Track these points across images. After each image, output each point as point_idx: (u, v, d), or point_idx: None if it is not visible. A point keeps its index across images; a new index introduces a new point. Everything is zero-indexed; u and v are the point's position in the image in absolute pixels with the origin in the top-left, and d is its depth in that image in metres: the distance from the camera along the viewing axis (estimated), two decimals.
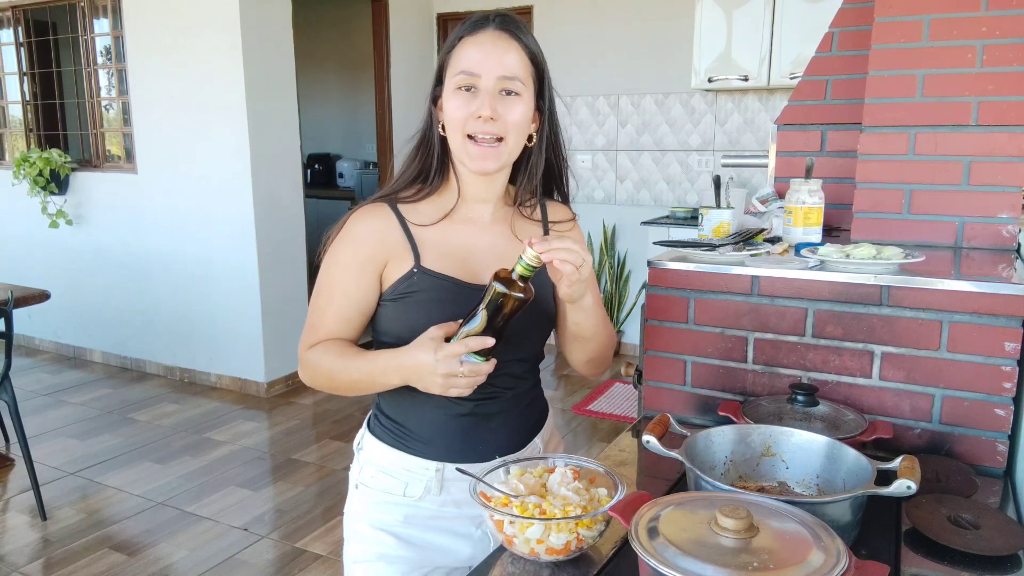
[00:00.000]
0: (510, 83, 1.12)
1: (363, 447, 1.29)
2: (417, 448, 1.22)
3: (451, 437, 1.21)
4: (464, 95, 1.11)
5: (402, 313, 1.17)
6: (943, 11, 1.58)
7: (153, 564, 2.71)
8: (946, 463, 1.25)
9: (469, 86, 1.11)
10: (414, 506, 1.22)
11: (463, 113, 1.11)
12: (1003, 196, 1.57)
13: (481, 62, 1.10)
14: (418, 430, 1.22)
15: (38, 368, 5.02)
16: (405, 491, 1.22)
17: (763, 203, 1.88)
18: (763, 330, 1.43)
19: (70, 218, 4.95)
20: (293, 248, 4.50)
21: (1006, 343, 1.24)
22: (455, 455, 1.21)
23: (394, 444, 1.24)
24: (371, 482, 1.25)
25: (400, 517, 1.23)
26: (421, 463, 1.22)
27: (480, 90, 1.11)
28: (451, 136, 1.15)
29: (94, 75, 4.88)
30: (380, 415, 1.27)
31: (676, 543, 0.79)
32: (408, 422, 1.23)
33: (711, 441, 1.14)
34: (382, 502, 1.24)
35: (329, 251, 1.22)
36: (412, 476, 1.22)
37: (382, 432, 1.26)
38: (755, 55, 4.27)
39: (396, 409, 1.24)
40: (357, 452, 1.31)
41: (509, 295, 1.03)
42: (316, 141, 7.48)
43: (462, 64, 1.11)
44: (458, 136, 1.13)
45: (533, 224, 1.27)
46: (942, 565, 0.98)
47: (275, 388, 4.47)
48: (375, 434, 1.27)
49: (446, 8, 5.45)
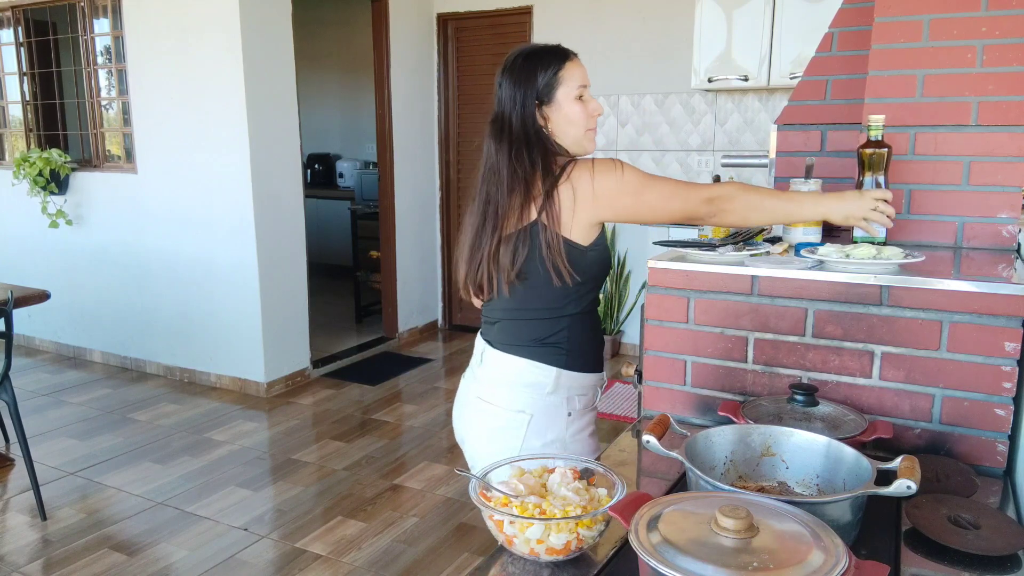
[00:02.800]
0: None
1: (559, 386, 1.58)
2: (595, 365, 1.64)
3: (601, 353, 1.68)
4: (579, 101, 1.55)
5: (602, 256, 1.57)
6: (943, 11, 1.58)
7: (153, 564, 2.71)
8: (946, 463, 1.25)
9: (582, 95, 1.55)
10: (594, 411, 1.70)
11: (584, 115, 1.55)
12: (1003, 196, 1.57)
13: (586, 78, 1.57)
14: (596, 349, 1.65)
15: (38, 368, 5.02)
16: (591, 403, 1.66)
17: None
18: (763, 330, 1.43)
19: (70, 218, 4.95)
20: (293, 248, 4.50)
21: (1006, 343, 1.24)
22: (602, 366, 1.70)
23: (588, 368, 1.62)
24: (578, 405, 1.61)
25: (592, 422, 1.67)
26: (599, 376, 1.67)
27: (586, 96, 1.56)
28: (576, 129, 1.55)
29: (94, 75, 4.88)
30: (575, 350, 1.58)
31: (676, 543, 0.79)
32: (593, 346, 1.63)
33: (711, 441, 1.14)
34: (587, 417, 1.65)
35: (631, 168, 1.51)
36: (595, 388, 1.66)
37: (579, 362, 1.59)
38: (755, 55, 4.27)
39: (586, 339, 1.60)
40: (549, 395, 1.57)
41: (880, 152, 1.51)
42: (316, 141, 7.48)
43: (577, 79, 1.54)
44: (582, 128, 1.56)
45: None
46: (942, 565, 0.98)
47: (275, 388, 4.47)
48: (573, 367, 1.58)
49: (446, 8, 5.45)
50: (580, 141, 1.56)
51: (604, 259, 1.58)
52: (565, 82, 1.53)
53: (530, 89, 1.52)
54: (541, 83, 1.52)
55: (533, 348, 1.57)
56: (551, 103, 1.53)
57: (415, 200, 5.55)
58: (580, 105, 1.54)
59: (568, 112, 1.54)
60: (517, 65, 1.53)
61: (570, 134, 1.55)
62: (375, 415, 4.16)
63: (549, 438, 1.58)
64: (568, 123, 1.54)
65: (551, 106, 1.53)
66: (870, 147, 1.54)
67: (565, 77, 1.52)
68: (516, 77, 1.53)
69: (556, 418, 1.59)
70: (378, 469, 3.47)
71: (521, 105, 1.52)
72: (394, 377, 4.80)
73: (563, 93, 1.53)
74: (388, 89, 5.20)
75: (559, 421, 1.59)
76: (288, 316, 4.49)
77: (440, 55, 5.55)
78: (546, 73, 1.52)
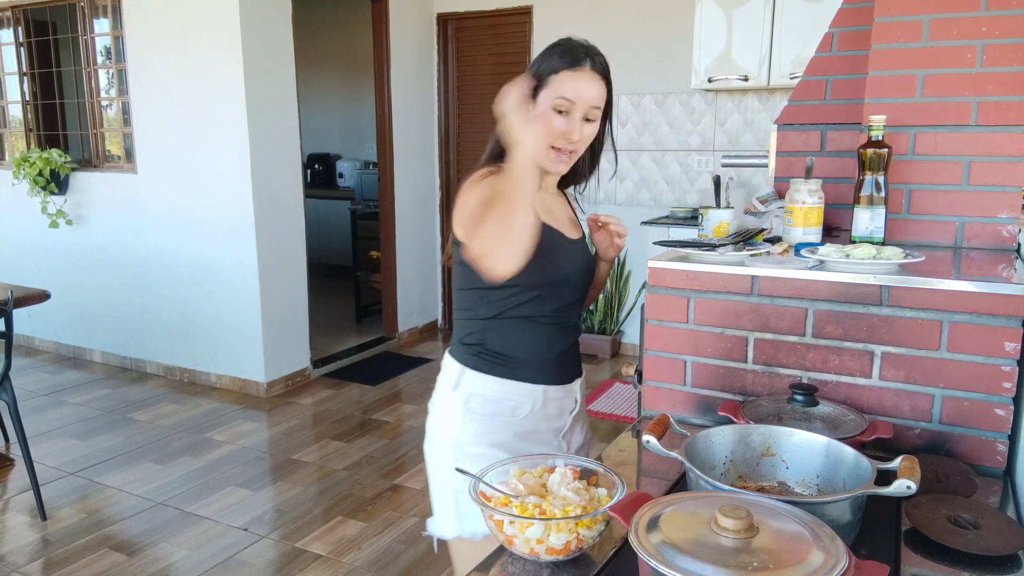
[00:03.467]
0: (592, 112, 1.43)
1: (462, 384, 1.50)
2: (526, 375, 1.49)
3: (552, 364, 1.51)
4: (558, 116, 1.40)
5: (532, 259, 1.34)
6: (943, 11, 1.58)
7: (153, 564, 2.71)
8: (946, 463, 1.25)
9: (565, 110, 1.40)
10: (521, 423, 1.50)
11: (554, 130, 1.40)
12: (1003, 196, 1.57)
13: (577, 96, 1.40)
14: (528, 360, 1.49)
15: (38, 368, 5.02)
16: (513, 413, 1.49)
17: (763, 203, 1.88)
18: (763, 330, 1.43)
19: (70, 218, 4.95)
20: (293, 248, 4.50)
21: (1006, 343, 1.23)
22: (556, 378, 1.52)
23: (503, 375, 1.48)
24: (481, 409, 1.48)
25: (511, 434, 1.49)
26: (529, 387, 1.49)
27: (572, 115, 1.41)
28: None
29: (94, 75, 4.87)
30: (486, 354, 1.49)
31: (676, 543, 0.79)
32: (520, 355, 1.48)
33: (711, 441, 1.14)
34: (494, 425, 1.48)
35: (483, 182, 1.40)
36: (521, 399, 1.49)
37: (489, 367, 1.49)
38: (755, 55, 4.27)
39: (507, 346, 1.48)
40: (451, 391, 1.51)
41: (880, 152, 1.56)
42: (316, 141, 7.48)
43: (563, 91, 1.39)
44: (546, 144, 1.40)
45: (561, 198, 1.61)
46: (942, 565, 0.98)
47: (275, 388, 4.47)
48: (480, 369, 1.49)
49: (446, 8, 5.45)
50: (541, 155, 1.40)
51: None
52: (553, 85, 1.41)
53: (532, 74, 1.43)
54: (540, 71, 1.42)
55: (454, 346, 1.55)
56: (535, 99, 1.43)
57: (415, 200, 5.55)
58: (554, 117, 1.40)
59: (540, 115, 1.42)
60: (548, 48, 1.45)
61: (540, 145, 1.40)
62: (375, 415, 4.16)
63: (444, 434, 1.52)
64: None
65: (534, 103, 1.43)
66: (870, 147, 1.54)
67: (556, 82, 1.40)
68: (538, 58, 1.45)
69: (451, 416, 1.51)
70: (378, 469, 3.47)
71: None
72: (394, 377, 4.80)
73: (545, 95, 1.41)
74: (388, 89, 5.20)
75: (453, 420, 1.50)
76: (288, 316, 4.48)
77: (440, 55, 5.55)
78: (548, 64, 1.42)
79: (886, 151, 1.54)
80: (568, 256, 1.51)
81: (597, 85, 1.42)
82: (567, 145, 1.42)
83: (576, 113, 1.40)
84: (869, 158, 1.54)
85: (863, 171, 1.56)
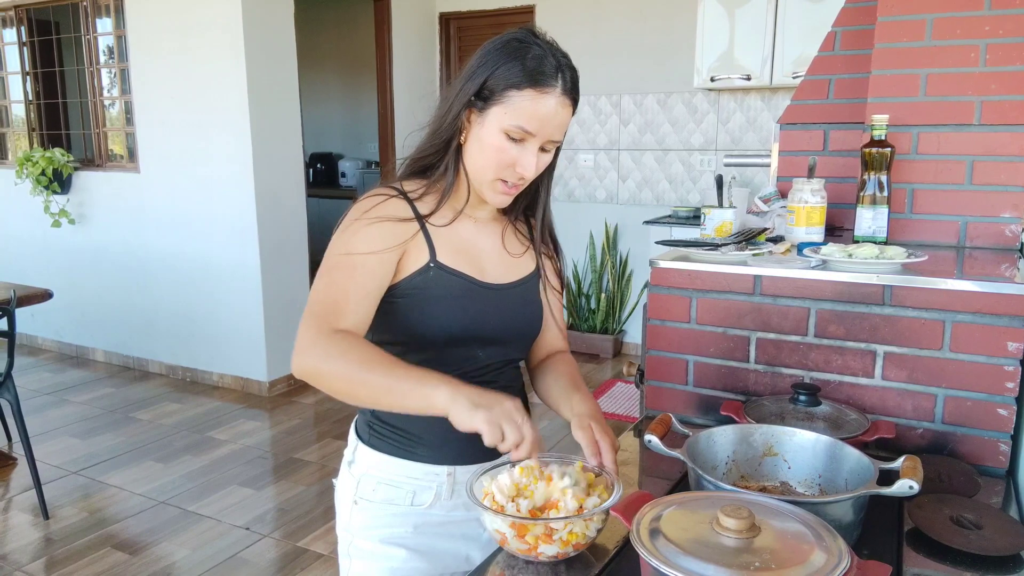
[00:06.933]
0: (552, 144, 1.13)
1: (356, 461, 1.25)
2: (425, 455, 1.20)
3: (461, 440, 1.05)
4: (510, 143, 1.10)
5: (415, 310, 1.14)
6: (946, 10, 1.58)
7: (155, 563, 2.71)
8: (948, 463, 1.24)
9: (520, 139, 1.10)
10: (424, 514, 1.21)
11: (502, 161, 1.11)
12: (1006, 195, 1.56)
13: (540, 127, 1.09)
14: (427, 436, 1.19)
15: (40, 367, 5.03)
16: (413, 500, 1.20)
17: (765, 202, 1.87)
18: (765, 330, 1.43)
19: (72, 217, 4.95)
20: (295, 247, 4.51)
21: (1009, 343, 1.23)
22: (466, 457, 1.18)
23: (398, 453, 1.20)
24: (372, 495, 1.21)
25: (410, 528, 1.21)
26: (430, 469, 1.20)
27: (527, 145, 1.10)
28: (480, 167, 1.13)
29: (97, 74, 4.88)
30: (377, 424, 1.22)
31: (678, 543, 0.79)
32: (415, 428, 1.19)
33: (713, 441, 1.13)
34: (388, 515, 1.20)
35: (350, 228, 1.14)
36: (420, 484, 1.20)
37: (381, 443, 1.22)
38: (757, 54, 4.26)
39: (400, 416, 1.18)
40: (348, 467, 1.26)
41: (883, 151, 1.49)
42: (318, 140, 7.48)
43: (522, 119, 1.08)
44: (489, 174, 1.13)
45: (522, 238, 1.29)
46: (944, 565, 0.98)
47: (277, 387, 4.47)
48: (372, 446, 1.22)
49: (448, 7, 5.45)
50: (481, 184, 1.15)
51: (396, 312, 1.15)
52: (510, 105, 1.07)
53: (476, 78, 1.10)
54: (494, 82, 1.08)
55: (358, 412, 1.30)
56: (482, 112, 1.10)
57: None
58: (504, 144, 1.09)
59: (486, 138, 1.10)
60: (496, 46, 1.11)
61: (474, 166, 1.14)
62: None
63: (338, 521, 1.28)
64: (479, 150, 1.12)
65: (480, 115, 1.10)
66: (873, 146, 1.53)
67: (515, 102, 1.07)
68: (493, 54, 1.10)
69: (343, 501, 1.26)
70: None
71: (459, 89, 1.12)
72: None
73: (498, 114, 1.09)
74: (390, 88, 5.20)
75: (344, 506, 1.26)
76: (290, 315, 4.48)
77: (442, 54, 5.55)
78: (507, 75, 1.08)
79: (889, 150, 1.54)
80: (479, 306, 1.17)
81: (564, 111, 1.10)
82: (516, 180, 1.13)
83: (533, 144, 1.10)
84: (872, 157, 1.54)
85: (866, 170, 1.55)
